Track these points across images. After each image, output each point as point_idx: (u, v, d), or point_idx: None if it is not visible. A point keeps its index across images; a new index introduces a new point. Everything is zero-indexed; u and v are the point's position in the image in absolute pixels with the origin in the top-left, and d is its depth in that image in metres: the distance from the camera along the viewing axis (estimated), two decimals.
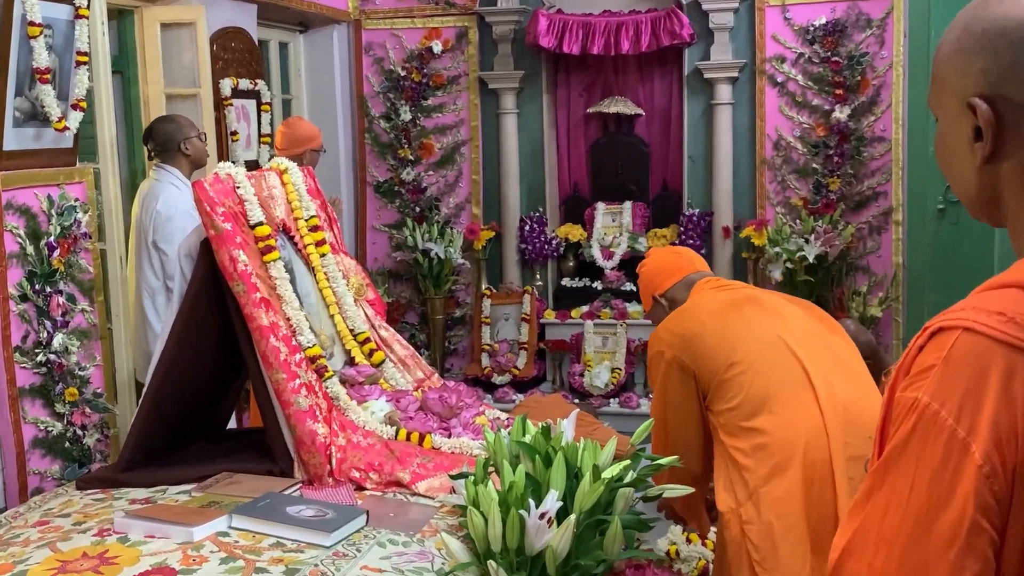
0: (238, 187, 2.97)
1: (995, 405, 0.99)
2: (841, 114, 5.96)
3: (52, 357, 3.77)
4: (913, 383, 1.05)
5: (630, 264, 6.47)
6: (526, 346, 6.48)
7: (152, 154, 4.25)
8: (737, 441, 2.48)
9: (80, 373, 3.91)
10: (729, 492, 2.48)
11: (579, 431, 2.52)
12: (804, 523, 2.38)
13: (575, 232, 6.60)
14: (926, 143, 5.39)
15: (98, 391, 4.01)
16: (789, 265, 5.83)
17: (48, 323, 3.76)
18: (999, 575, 1.01)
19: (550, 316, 6.50)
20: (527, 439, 2.40)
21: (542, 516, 2.07)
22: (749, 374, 2.51)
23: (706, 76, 6.20)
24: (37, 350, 3.74)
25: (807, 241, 5.82)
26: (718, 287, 2.81)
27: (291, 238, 3.20)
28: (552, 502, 2.09)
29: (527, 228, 6.56)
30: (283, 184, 3.24)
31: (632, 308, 6.33)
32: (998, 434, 0.99)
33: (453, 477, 2.50)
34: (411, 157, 6.70)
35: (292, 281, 3.04)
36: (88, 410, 3.94)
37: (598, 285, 6.54)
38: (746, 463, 2.45)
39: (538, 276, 6.68)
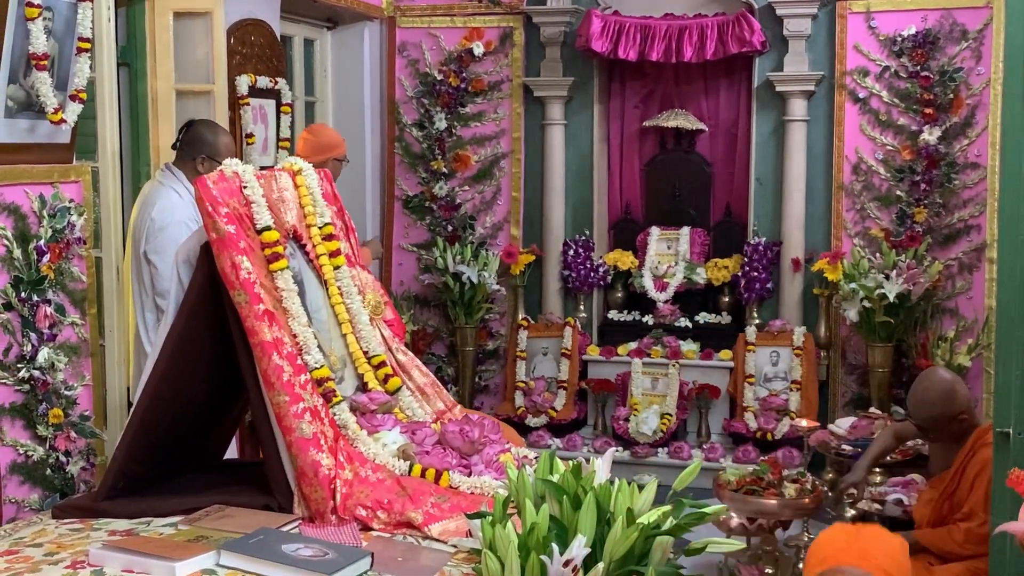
0: (245, 187, 2.99)
1: None
2: (930, 136, 5.89)
3: (36, 373, 3.80)
4: None
5: (686, 298, 6.43)
6: (565, 385, 6.44)
7: (174, 146, 4.24)
8: None
9: (66, 393, 3.93)
10: None
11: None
12: None
13: (625, 259, 6.56)
14: (1020, 164, 5.27)
15: (85, 414, 4.02)
16: (867, 304, 5.75)
17: (33, 335, 3.79)
18: None
19: (594, 352, 6.45)
20: (554, 477, 2.37)
21: (567, 564, 2.03)
22: None
23: (778, 89, 6.17)
24: (20, 365, 3.76)
25: (888, 278, 5.73)
26: None
27: (302, 246, 3.21)
28: (579, 548, 2.06)
29: (571, 253, 6.54)
30: (296, 187, 3.25)
31: (686, 347, 6.27)
32: None
33: (470, 517, 2.47)
34: (445, 170, 6.72)
35: (301, 294, 3.04)
36: (73, 434, 3.95)
37: (649, 320, 6.48)
38: None
39: (582, 307, 6.64)
